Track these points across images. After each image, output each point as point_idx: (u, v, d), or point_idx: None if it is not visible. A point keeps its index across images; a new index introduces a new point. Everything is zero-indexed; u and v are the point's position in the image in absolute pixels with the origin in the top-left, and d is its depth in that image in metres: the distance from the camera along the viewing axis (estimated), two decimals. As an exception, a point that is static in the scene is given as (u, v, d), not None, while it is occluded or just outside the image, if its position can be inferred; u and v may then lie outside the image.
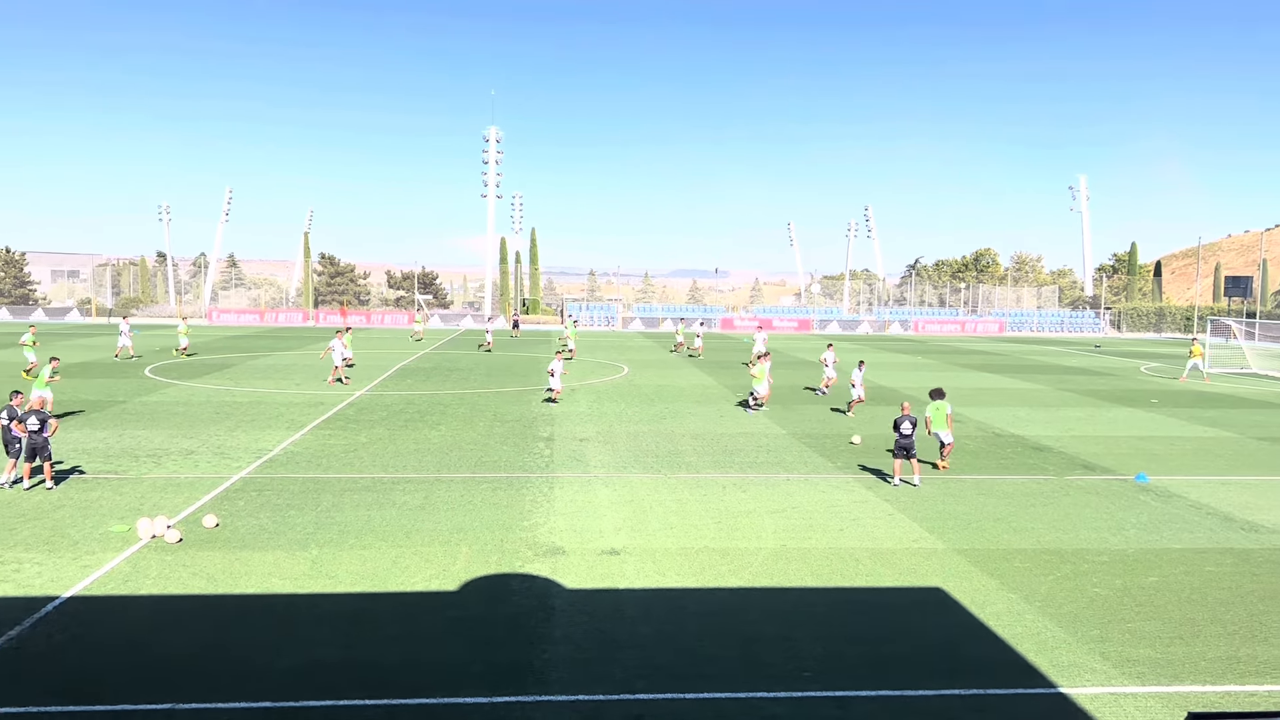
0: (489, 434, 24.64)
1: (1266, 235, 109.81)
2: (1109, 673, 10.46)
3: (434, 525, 15.78)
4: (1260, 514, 17.70)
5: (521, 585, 12.96)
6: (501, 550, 14.46)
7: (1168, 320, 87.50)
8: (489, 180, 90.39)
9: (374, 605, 12.19)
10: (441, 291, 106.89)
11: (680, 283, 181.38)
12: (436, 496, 17.76)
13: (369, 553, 14.23)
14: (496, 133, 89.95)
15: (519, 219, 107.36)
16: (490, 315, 73.04)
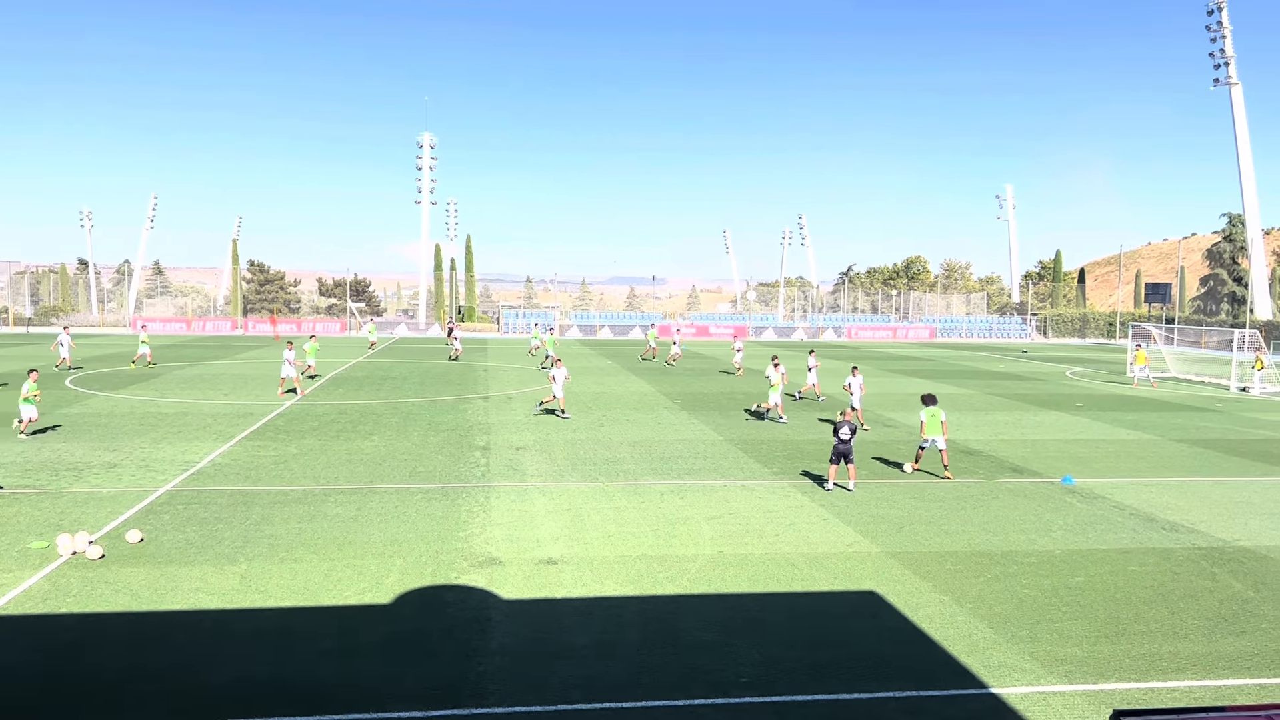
0: (423, 443, 24.35)
1: (1184, 243, 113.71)
2: (1038, 672, 10.69)
3: (367, 537, 15.53)
4: (1180, 514, 18.26)
5: (457, 597, 12.82)
6: (436, 562, 14.28)
7: (1091, 326, 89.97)
8: (423, 186, 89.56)
9: (305, 620, 11.94)
10: (375, 299, 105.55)
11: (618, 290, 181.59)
12: (369, 508, 17.49)
13: (300, 566, 13.95)
14: (430, 139, 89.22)
15: (454, 225, 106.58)
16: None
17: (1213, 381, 44.39)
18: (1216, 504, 19.18)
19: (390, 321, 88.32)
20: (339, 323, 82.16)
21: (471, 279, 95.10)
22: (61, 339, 42.79)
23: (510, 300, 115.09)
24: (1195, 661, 11.08)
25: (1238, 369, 44.05)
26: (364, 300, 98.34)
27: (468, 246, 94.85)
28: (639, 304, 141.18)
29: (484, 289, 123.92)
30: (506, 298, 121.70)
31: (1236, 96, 73.73)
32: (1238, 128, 74.20)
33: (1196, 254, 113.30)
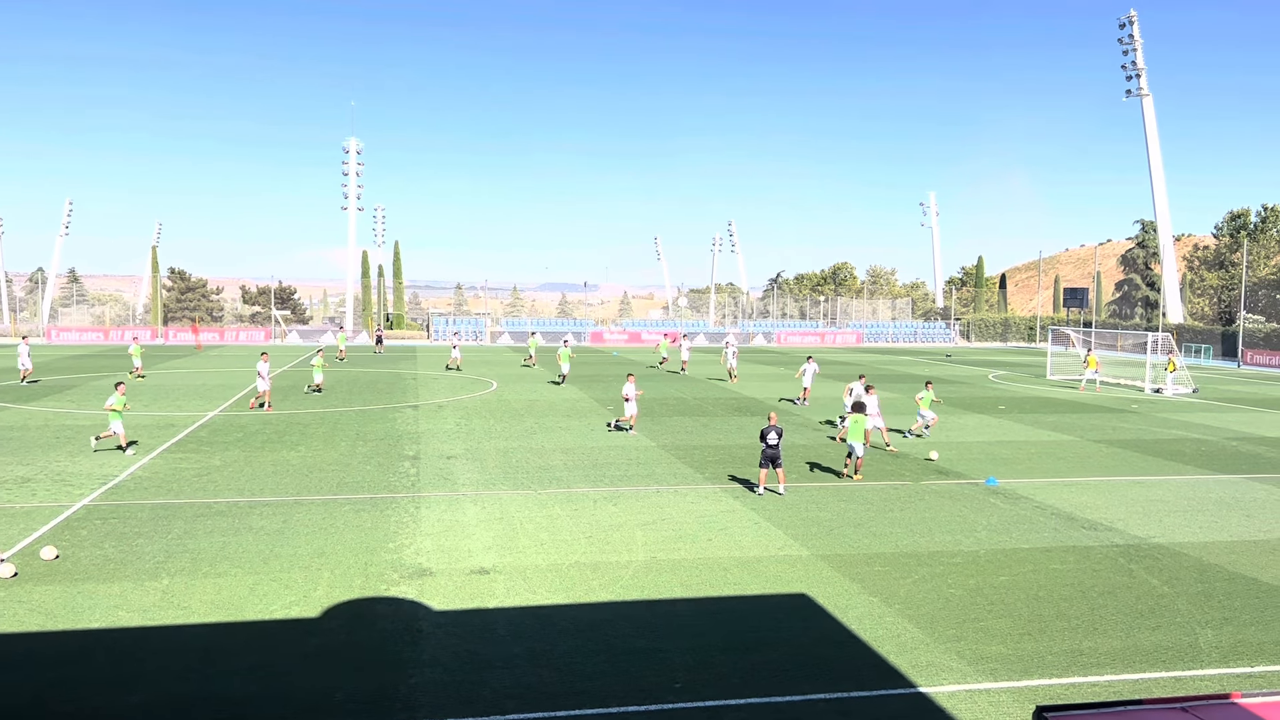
0: (351, 453, 23.96)
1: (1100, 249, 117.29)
2: (964, 670, 10.90)
3: (293, 550, 15.22)
4: (1099, 513, 18.81)
5: (387, 609, 12.63)
6: (365, 574, 14.05)
7: (1013, 330, 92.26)
8: (349, 192, 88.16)
9: (230, 635, 11.65)
10: (300, 307, 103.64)
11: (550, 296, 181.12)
12: (296, 520, 17.14)
13: (224, 581, 13.61)
14: (357, 144, 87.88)
15: (381, 232, 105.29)
16: (456, 332, 70.53)
17: (1128, 383, 45.84)
18: (1133, 503, 19.80)
19: (316, 329, 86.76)
20: (263, 331, 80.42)
21: (400, 286, 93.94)
22: (21, 349, 40.83)
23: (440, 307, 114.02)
24: (1114, 656, 11.41)
25: (1151, 371, 45.58)
26: (289, 308, 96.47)
27: (396, 253, 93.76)
28: (571, 310, 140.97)
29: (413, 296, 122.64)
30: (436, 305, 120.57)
31: (1148, 107, 76.37)
32: (1149, 138, 76.84)
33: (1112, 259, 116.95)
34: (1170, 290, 79.50)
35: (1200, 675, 10.88)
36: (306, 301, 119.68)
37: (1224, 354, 68.73)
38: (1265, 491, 21.19)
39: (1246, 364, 64.84)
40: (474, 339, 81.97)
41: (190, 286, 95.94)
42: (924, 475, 22.26)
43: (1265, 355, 64.57)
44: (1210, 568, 15.10)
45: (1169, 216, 78.94)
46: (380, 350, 67.43)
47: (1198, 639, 12.00)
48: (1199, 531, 17.43)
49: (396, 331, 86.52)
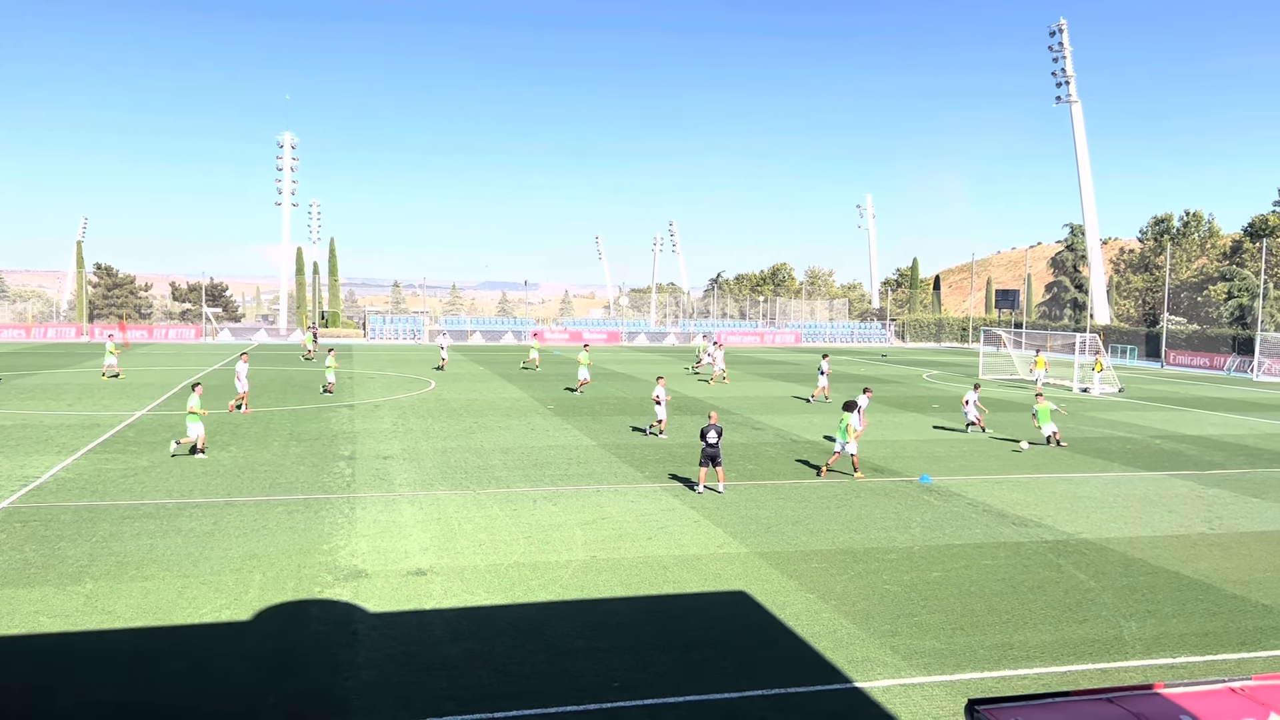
0: (284, 453, 23.53)
1: (1030, 252, 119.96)
2: (898, 665, 11.06)
3: (224, 552, 14.89)
4: (1028, 510, 19.23)
5: (321, 611, 12.41)
6: (299, 576, 13.80)
7: (946, 331, 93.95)
8: (284, 188, 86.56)
9: (157, 640, 11.35)
10: (232, 304, 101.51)
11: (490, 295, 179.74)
12: (227, 521, 16.77)
13: (151, 584, 13.26)
14: (291, 138, 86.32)
15: (317, 228, 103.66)
16: (444, 332, 68.55)
17: (1057, 383, 46.93)
18: (1061, 499, 20.28)
19: (249, 327, 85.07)
20: (194, 329, 78.62)
21: (335, 283, 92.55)
22: None
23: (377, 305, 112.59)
24: (1043, 649, 11.67)
25: (1079, 371, 46.73)
26: (220, 306, 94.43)
27: (331, 249, 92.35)
28: (511, 309, 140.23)
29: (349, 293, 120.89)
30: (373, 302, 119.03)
31: (1076, 113, 78.34)
32: (1078, 143, 78.83)
33: (1042, 262, 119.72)
34: (1097, 292, 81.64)
35: (1125, 667, 11.17)
36: (239, 299, 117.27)
37: (1148, 354, 70.79)
38: (1187, 488, 21.85)
39: (1169, 364, 66.87)
40: (412, 338, 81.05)
41: (117, 283, 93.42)
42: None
43: (1187, 356, 66.66)
44: (1135, 562, 15.52)
45: (1096, 220, 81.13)
46: (315, 349, 66.25)
47: (1123, 632, 12.33)
48: (1124, 527, 17.91)
49: (332, 330, 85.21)
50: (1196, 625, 12.63)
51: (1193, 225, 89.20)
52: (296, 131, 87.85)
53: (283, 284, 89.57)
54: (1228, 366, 62.34)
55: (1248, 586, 14.32)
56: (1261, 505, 20.08)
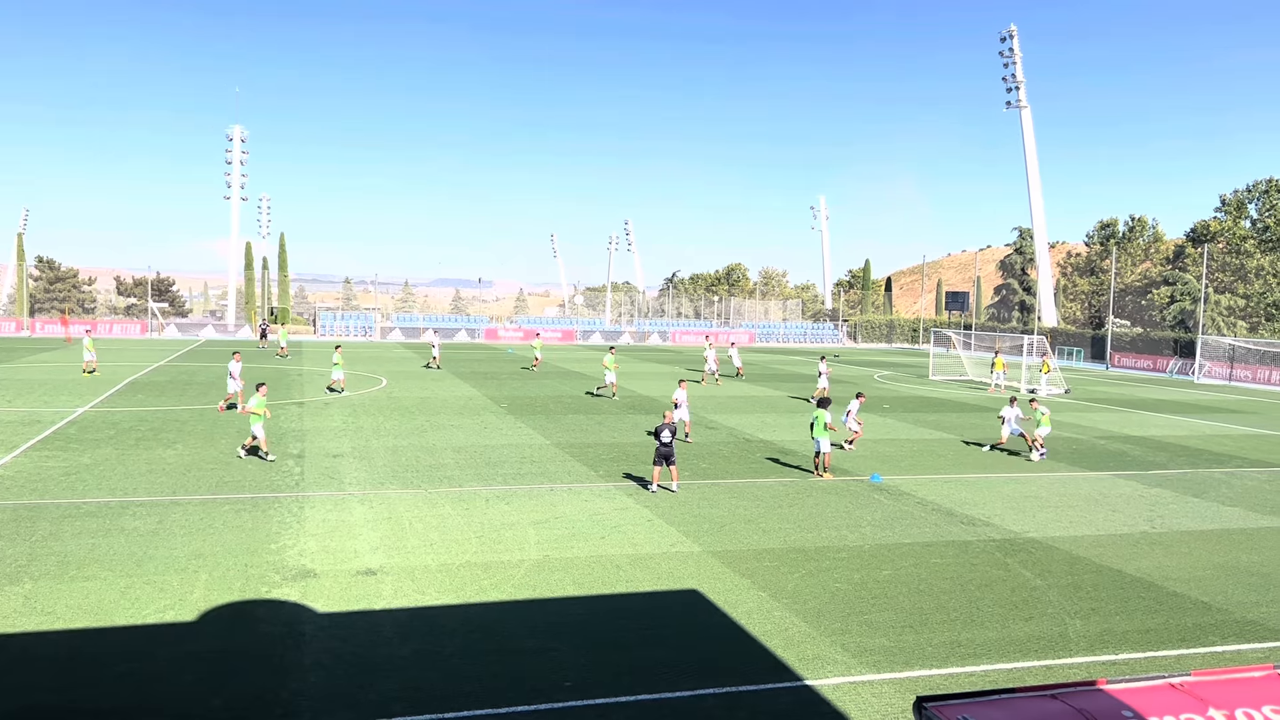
0: (232, 451, 23.14)
1: (980, 255, 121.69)
2: (849, 663, 11.15)
3: (169, 552, 14.60)
4: (977, 509, 19.50)
5: (268, 612, 12.22)
6: (246, 576, 13.58)
7: (897, 331, 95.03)
8: (233, 181, 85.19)
9: (99, 642, 11.10)
10: (179, 299, 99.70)
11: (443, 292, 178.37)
12: (172, 520, 16.45)
13: (93, 584, 12.96)
14: (241, 131, 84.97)
15: (267, 223, 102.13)
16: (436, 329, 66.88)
17: (1006, 384, 47.68)
18: (1009, 499, 20.59)
19: (196, 323, 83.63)
20: (139, 324, 77.10)
21: (285, 279, 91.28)
22: None
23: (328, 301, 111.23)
24: (990, 647, 11.84)
25: (1027, 372, 47.52)
26: (167, 300, 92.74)
27: (281, 245, 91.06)
28: (465, 306, 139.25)
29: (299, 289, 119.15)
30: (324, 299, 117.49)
31: (1026, 119, 79.64)
32: (1027, 147, 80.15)
33: (991, 264, 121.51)
34: (1045, 295, 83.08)
35: (1070, 663, 11.37)
36: (186, 294, 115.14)
37: (1093, 356, 72.18)
38: (1130, 487, 22.30)
39: (1114, 366, 68.25)
40: (363, 335, 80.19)
41: (60, 276, 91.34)
42: (812, 472, 22.68)
43: (1131, 358, 68.08)
44: (1079, 561, 15.81)
45: (1045, 224, 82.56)
46: (264, 345, 65.38)
47: (1067, 629, 12.54)
48: (1069, 526, 18.23)
49: (281, 326, 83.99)
50: (1138, 623, 12.89)
51: (1137, 230, 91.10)
52: (246, 125, 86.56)
53: (231, 279, 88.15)
54: (1170, 369, 63.77)
55: (1188, 584, 14.64)
56: (1201, 505, 20.55)
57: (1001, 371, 46.02)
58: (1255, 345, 59.95)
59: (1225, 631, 12.64)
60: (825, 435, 21.76)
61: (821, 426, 21.71)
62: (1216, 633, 12.59)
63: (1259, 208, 77.26)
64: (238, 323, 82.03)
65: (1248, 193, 78.17)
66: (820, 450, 21.95)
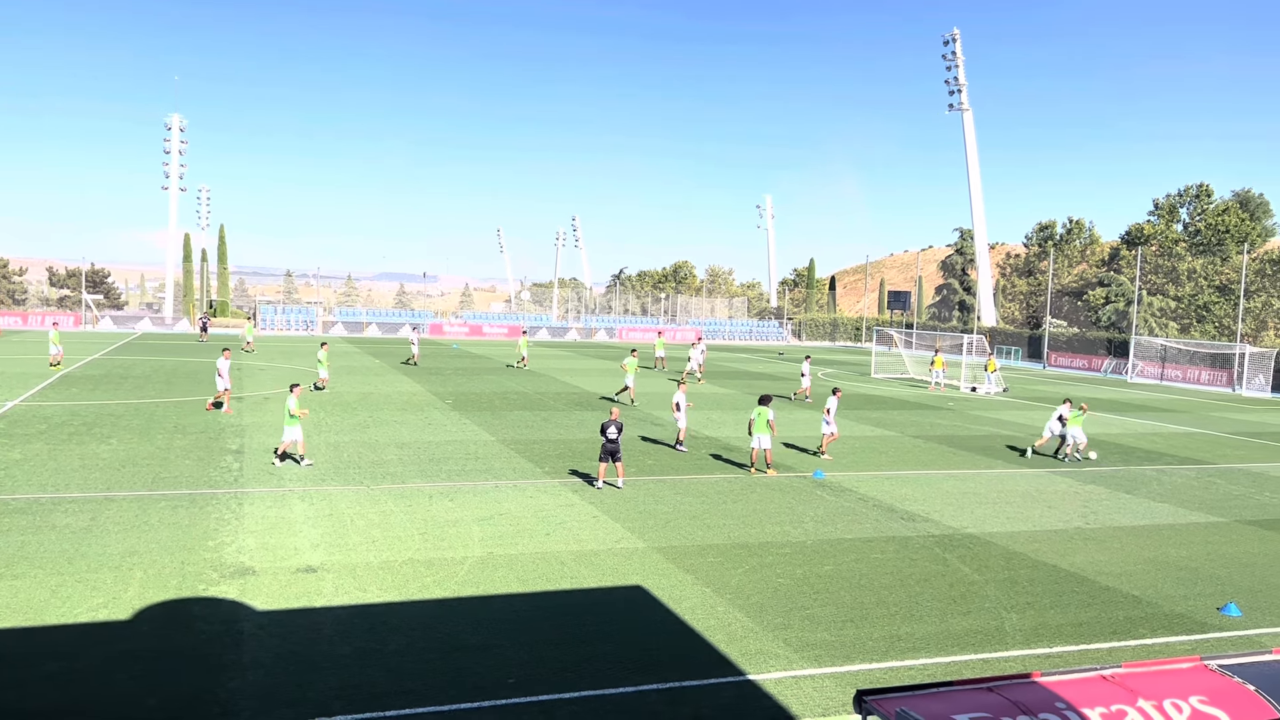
0: (168, 447, 22.66)
1: (922, 255, 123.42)
2: (790, 657, 11.26)
3: (102, 549, 14.25)
4: (917, 505, 19.80)
5: (205, 610, 11.99)
6: (182, 573, 13.31)
7: (841, 330, 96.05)
8: (171, 171, 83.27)
9: (29, 641, 10.80)
10: (114, 291, 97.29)
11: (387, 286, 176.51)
12: (105, 517, 16.06)
13: (22, 583, 12.61)
14: (180, 120, 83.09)
15: (206, 214, 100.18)
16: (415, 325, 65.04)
17: (947, 382, 48.45)
18: (948, 495, 20.94)
19: (133, 315, 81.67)
20: (73, 316, 75.08)
21: (225, 271, 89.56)
22: None
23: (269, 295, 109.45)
24: (929, 640, 12.03)
25: (968, 370, 48.32)
26: (102, 293, 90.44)
27: (221, 236, 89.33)
28: (409, 301, 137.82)
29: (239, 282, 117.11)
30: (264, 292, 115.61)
31: (967, 121, 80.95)
32: (968, 150, 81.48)
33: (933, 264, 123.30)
34: (985, 295, 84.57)
35: (1006, 656, 11.61)
36: (121, 286, 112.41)
37: (1030, 356, 73.64)
38: (1065, 484, 22.81)
39: (1051, 365, 69.72)
40: (305, 329, 78.97)
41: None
42: (748, 468, 22.85)
43: (1067, 357, 69.61)
44: (1016, 555, 16.13)
45: (985, 226, 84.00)
46: (204, 339, 64.09)
47: (1004, 623, 12.80)
48: (1006, 522, 18.60)
49: (220, 319, 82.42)
50: (1072, 616, 13.19)
51: (1075, 232, 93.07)
52: (185, 113, 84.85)
53: (169, 271, 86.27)
54: (1104, 368, 65.33)
55: (1119, 578, 15.02)
56: (1133, 501, 21.10)
57: (941, 370, 46.73)
58: (1186, 346, 61.67)
59: (1154, 624, 12.99)
60: (766, 432, 21.90)
61: (763, 423, 21.85)
62: (1146, 625, 12.94)
63: (1190, 212, 79.44)
64: (175, 316, 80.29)
65: (1179, 197, 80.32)
66: (760, 446, 22.08)
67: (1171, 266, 76.74)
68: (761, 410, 22.01)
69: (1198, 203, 78.94)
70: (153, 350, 52.39)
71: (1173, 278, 76.74)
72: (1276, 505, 21.16)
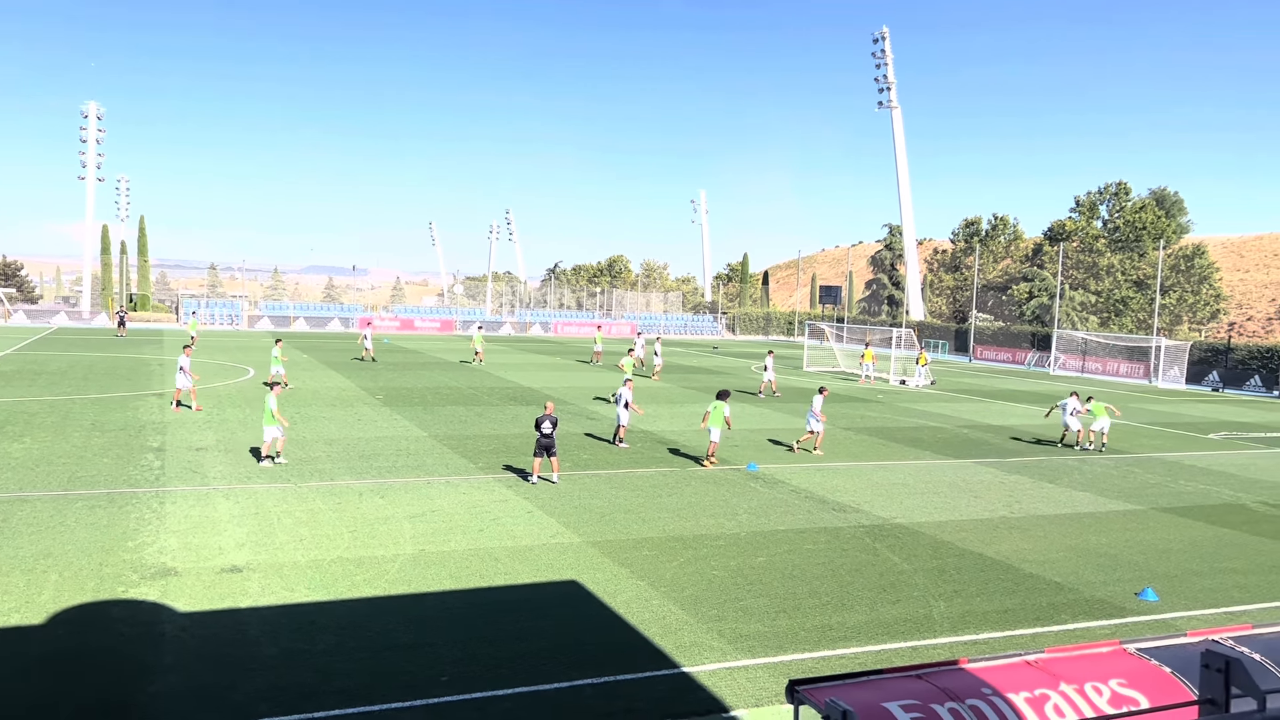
0: (86, 445, 21.95)
1: (852, 250, 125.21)
2: (725, 649, 11.31)
3: (14, 551, 13.74)
4: (847, 496, 20.06)
5: (124, 612, 11.63)
6: (100, 575, 12.89)
7: (774, 324, 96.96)
8: (88, 161, 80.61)
9: (-67, 650, 10.36)
10: (28, 284, 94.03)
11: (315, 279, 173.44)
12: (18, 518, 15.49)
13: (-73, 589, 12.09)
14: (97, 109, 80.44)
15: (125, 205, 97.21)
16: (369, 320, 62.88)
17: (876, 375, 49.23)
18: (878, 485, 21.26)
19: (48, 309, 78.96)
20: (-16, 310, 72.30)
21: (145, 264, 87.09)
22: None
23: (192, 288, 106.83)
24: (860, 629, 12.19)
25: (897, 364, 49.12)
26: (14, 286, 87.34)
27: (141, 228, 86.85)
28: (338, 295, 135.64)
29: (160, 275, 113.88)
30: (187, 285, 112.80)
31: (896, 119, 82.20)
32: (897, 147, 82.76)
33: (863, 260, 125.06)
34: (913, 290, 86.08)
35: (934, 644, 11.81)
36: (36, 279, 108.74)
37: (957, 349, 75.15)
38: (990, 474, 23.31)
39: (977, 358, 71.26)
40: (230, 323, 77.18)
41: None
42: (691, 462, 22.95)
43: (992, 350, 71.22)
44: (943, 545, 16.43)
45: (913, 221, 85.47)
46: (122, 334, 62.22)
47: (932, 611, 13.02)
48: (934, 512, 18.94)
49: (141, 313, 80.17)
50: (997, 603, 13.48)
51: (999, 228, 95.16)
52: (103, 101, 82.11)
53: (86, 264, 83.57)
54: (1028, 361, 66.97)
55: (1043, 565, 15.40)
56: (1056, 490, 21.64)
57: (870, 363, 47.53)
58: (1105, 339, 63.53)
59: (1076, 610, 13.34)
60: (720, 426, 22.49)
61: (719, 417, 22.43)
62: (1068, 611, 13.27)
63: (1109, 209, 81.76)
64: (94, 310, 77.84)
65: (1099, 195, 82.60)
66: (711, 439, 22.60)
67: (1092, 262, 78.93)
68: (718, 405, 22.61)
69: (1116, 200, 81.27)
70: (69, 345, 50.73)
71: (1093, 273, 78.95)
72: (1191, 493, 21.90)
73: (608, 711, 9.65)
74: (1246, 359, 55.66)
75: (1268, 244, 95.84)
